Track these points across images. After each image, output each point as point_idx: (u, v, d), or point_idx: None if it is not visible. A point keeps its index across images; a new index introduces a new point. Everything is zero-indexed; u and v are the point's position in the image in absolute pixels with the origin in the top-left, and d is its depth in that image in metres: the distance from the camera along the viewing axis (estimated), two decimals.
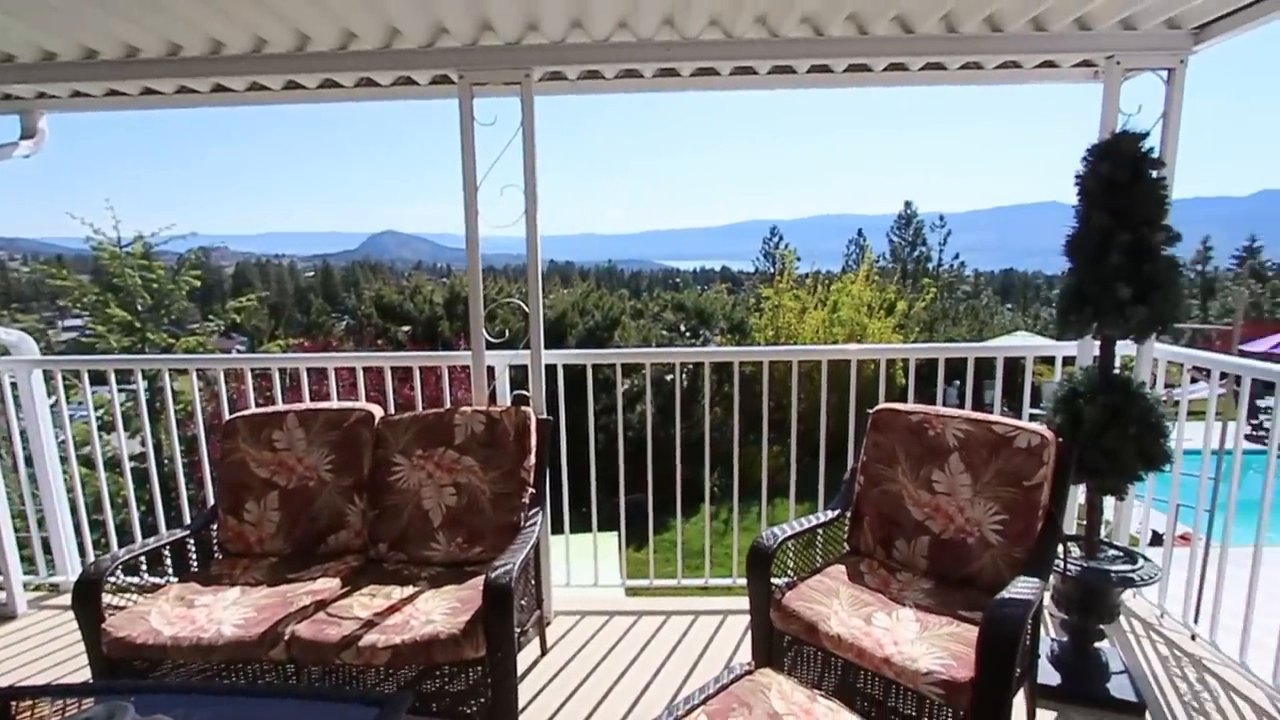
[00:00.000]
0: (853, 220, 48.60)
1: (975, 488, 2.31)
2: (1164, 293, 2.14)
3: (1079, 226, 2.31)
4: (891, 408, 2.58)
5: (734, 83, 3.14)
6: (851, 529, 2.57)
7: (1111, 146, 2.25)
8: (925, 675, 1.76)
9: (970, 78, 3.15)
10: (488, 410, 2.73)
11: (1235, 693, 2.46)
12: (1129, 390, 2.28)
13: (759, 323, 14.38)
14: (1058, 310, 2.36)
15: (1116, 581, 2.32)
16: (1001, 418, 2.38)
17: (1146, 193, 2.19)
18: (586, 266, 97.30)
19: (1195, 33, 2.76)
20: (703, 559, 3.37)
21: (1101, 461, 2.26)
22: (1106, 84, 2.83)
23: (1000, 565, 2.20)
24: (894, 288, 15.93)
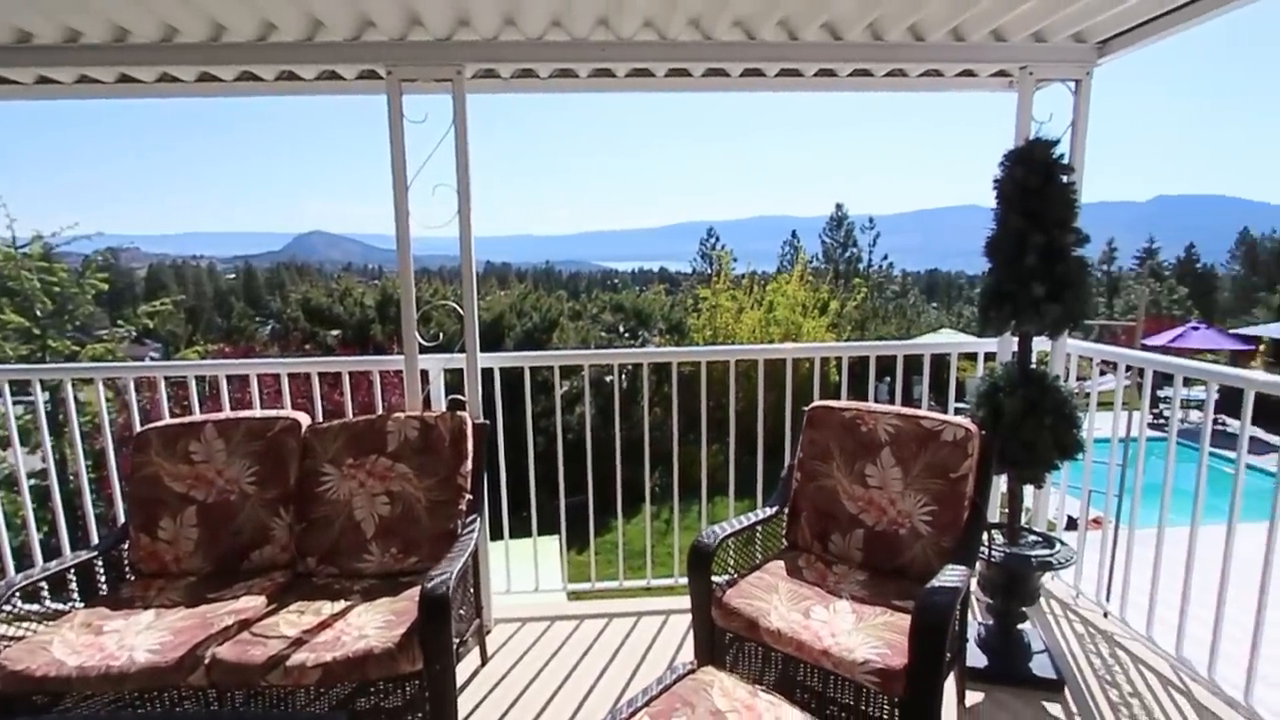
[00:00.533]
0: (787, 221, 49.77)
1: (906, 480, 2.40)
2: (1075, 291, 2.28)
3: (997, 229, 2.42)
4: (825, 405, 2.64)
5: (669, 84, 3.16)
6: (789, 525, 2.62)
7: (1025, 153, 2.38)
8: (862, 665, 1.81)
9: (895, 85, 3.27)
10: (422, 416, 2.65)
11: (1143, 665, 2.63)
12: (1045, 384, 2.41)
13: (697, 323, 14.54)
14: (979, 308, 2.47)
15: (1036, 566, 2.44)
16: (929, 413, 2.48)
17: (1058, 197, 2.32)
18: (524, 268, 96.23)
19: (1099, 47, 2.94)
20: (645, 560, 3.37)
21: (1021, 452, 2.38)
22: (1020, 93, 2.98)
23: (930, 555, 2.28)
24: (827, 288, 16.40)
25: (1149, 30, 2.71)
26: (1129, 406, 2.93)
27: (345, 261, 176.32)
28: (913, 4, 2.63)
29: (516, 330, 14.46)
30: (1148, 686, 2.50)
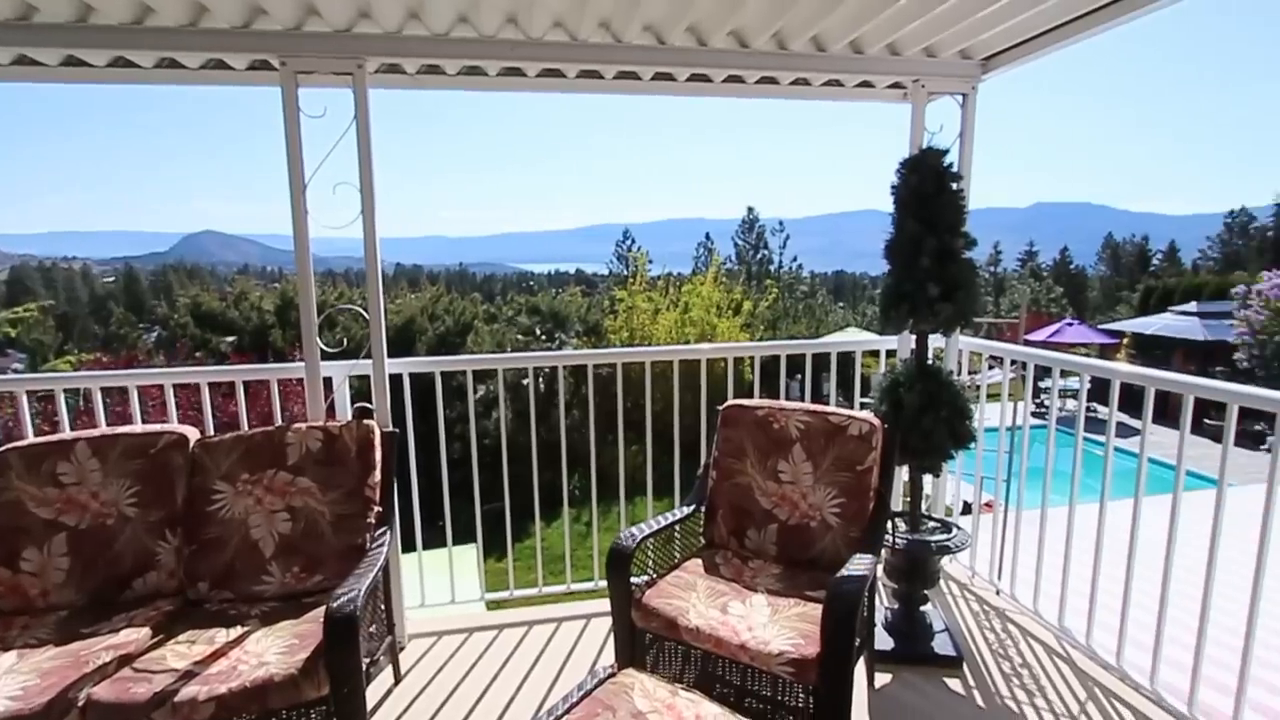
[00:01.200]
0: (701, 224, 50.74)
1: (816, 475, 2.49)
2: (965, 291, 2.43)
3: (895, 233, 2.56)
4: (739, 404, 2.71)
5: (581, 85, 3.14)
6: (707, 522, 2.66)
7: (919, 161, 2.52)
8: (777, 657, 1.86)
9: (799, 93, 3.39)
10: (325, 426, 2.51)
11: (1031, 637, 2.84)
12: (940, 378, 2.56)
13: (614, 324, 14.56)
14: (880, 308, 2.60)
15: (936, 550, 2.60)
16: (836, 408, 2.58)
17: (949, 203, 2.48)
18: (436, 269, 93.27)
19: (983, 63, 3.16)
20: (565, 564, 3.34)
21: (920, 442, 2.52)
22: (914, 105, 3.16)
23: (840, 545, 2.38)
24: (740, 288, 16.83)
25: (1027, 49, 2.93)
26: (1014, 397, 3.16)
27: (241, 263, 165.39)
28: (815, 16, 2.74)
29: (429, 334, 14.01)
30: (1035, 657, 2.71)
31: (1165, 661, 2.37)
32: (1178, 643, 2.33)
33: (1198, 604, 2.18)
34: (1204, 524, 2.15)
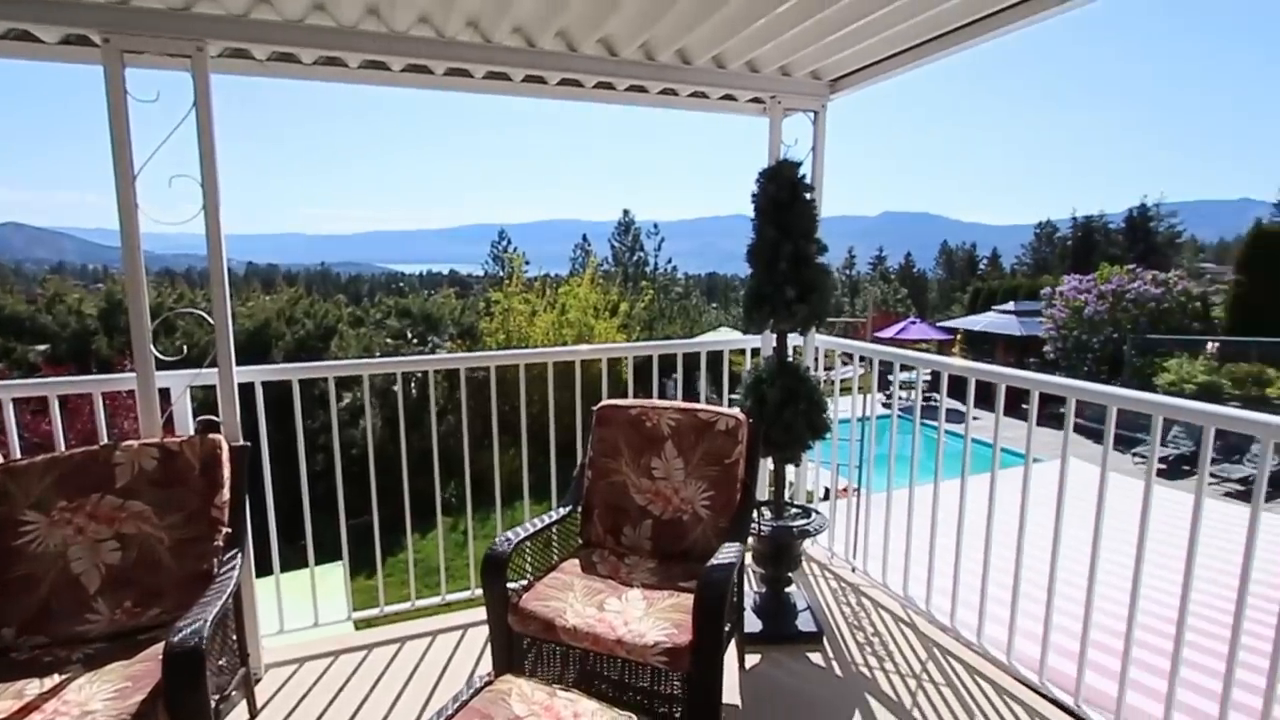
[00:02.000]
0: (578, 225, 50.82)
1: (687, 470, 2.59)
2: (819, 293, 2.63)
3: (756, 238, 2.72)
4: (612, 404, 2.76)
5: (449, 83, 3.07)
6: (584, 522, 2.69)
7: (776, 171, 2.70)
8: (653, 648, 1.92)
9: (667, 102, 3.50)
10: (162, 442, 2.28)
11: (881, 608, 3.12)
12: (799, 374, 2.75)
13: (489, 326, 14.26)
14: (744, 309, 2.75)
15: (797, 535, 2.79)
16: (705, 405, 2.70)
17: (802, 211, 2.67)
18: (295, 270, 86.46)
19: (832, 84, 3.42)
20: (441, 575, 3.24)
21: (781, 435, 2.69)
22: (771, 119, 3.37)
23: (710, 535, 2.49)
24: (617, 290, 17.05)
25: (870, 73, 3.22)
26: (864, 390, 3.45)
27: (55, 260, 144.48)
28: (680, 30, 2.85)
29: (287, 339, 12.98)
30: (884, 624, 2.98)
31: (990, 619, 2.70)
32: (1000, 601, 2.65)
33: (1015, 566, 2.50)
34: (1019, 496, 2.47)
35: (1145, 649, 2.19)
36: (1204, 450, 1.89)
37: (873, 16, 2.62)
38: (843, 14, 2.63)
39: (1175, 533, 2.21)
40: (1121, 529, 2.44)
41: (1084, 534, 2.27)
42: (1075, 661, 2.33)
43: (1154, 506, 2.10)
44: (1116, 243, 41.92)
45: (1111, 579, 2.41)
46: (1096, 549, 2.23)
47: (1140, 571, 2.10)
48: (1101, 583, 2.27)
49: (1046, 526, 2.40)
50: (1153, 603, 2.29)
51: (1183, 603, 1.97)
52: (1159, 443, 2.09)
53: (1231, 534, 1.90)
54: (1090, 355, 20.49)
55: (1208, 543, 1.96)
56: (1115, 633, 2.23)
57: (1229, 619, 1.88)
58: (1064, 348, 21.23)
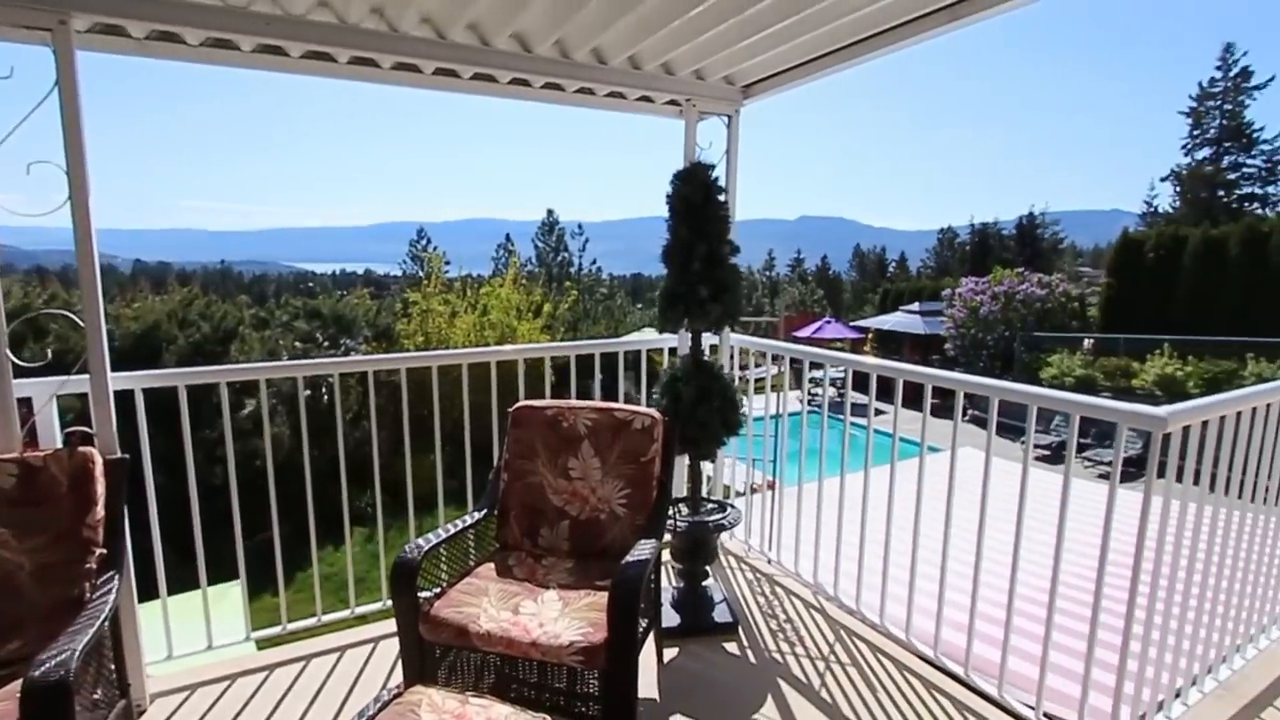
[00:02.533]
0: (500, 225, 49.97)
1: (604, 469, 2.59)
2: (732, 293, 2.69)
3: (670, 239, 2.75)
4: (529, 405, 2.73)
5: (354, 72, 2.94)
6: (500, 525, 2.64)
7: (690, 173, 2.74)
8: (568, 647, 1.90)
9: (583, 101, 3.49)
10: (23, 457, 2.06)
11: (794, 595, 3.23)
12: (713, 372, 2.81)
13: (407, 328, 13.78)
14: (659, 309, 2.78)
15: (713, 529, 2.84)
16: (622, 404, 2.71)
17: (715, 213, 2.72)
18: (191, 268, 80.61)
19: (746, 89, 3.51)
20: (350, 587, 3.09)
21: (697, 432, 2.74)
22: (686, 121, 3.42)
23: (627, 533, 2.50)
24: (541, 291, 16.87)
25: (783, 79, 3.32)
26: (778, 388, 3.56)
27: None
28: (594, 29, 2.84)
29: (180, 343, 12.08)
30: (796, 611, 3.08)
31: (891, 599, 2.84)
32: (900, 582, 2.79)
33: (912, 549, 2.64)
34: (931, 483, 2.61)
35: (1024, 618, 2.36)
36: (1071, 435, 2.07)
37: (784, 24, 2.70)
38: (755, 20, 2.70)
39: (1055, 512, 2.39)
40: (1010, 511, 2.62)
41: (976, 517, 2.43)
42: (965, 634, 2.49)
43: (1036, 488, 2.27)
44: (1009, 247, 45.04)
45: (998, 556, 2.58)
46: (982, 530, 2.39)
47: (1019, 548, 2.26)
48: (988, 559, 2.43)
49: (944, 512, 2.55)
50: (1033, 576, 2.47)
51: (1054, 574, 2.14)
52: (1033, 429, 2.26)
53: (1101, 510, 2.08)
54: (985, 352, 21.96)
55: (1081, 519, 2.13)
56: (1000, 604, 2.39)
57: (1094, 586, 2.05)
58: (962, 345, 22.67)
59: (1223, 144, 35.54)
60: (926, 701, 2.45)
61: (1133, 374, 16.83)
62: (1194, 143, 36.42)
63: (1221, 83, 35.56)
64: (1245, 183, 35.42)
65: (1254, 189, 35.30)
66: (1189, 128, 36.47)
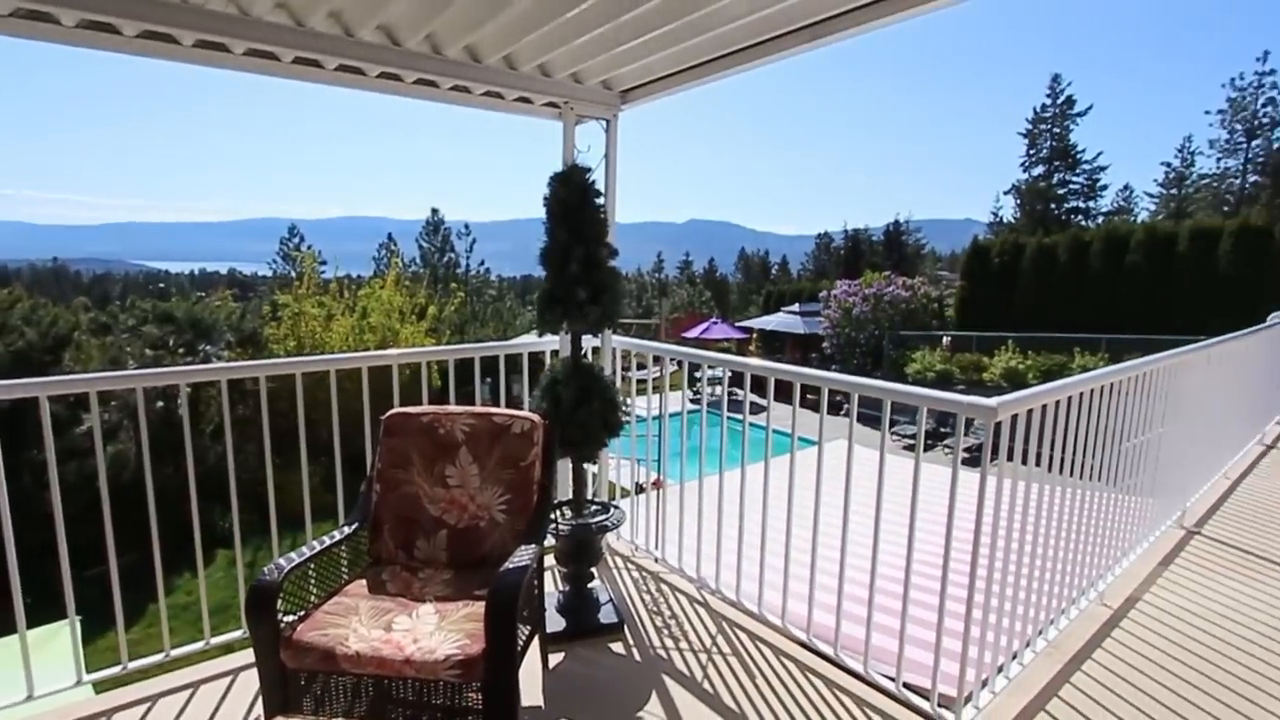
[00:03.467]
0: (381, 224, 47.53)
1: (483, 475, 2.54)
2: (611, 295, 2.72)
3: (548, 241, 2.74)
4: (402, 412, 2.62)
5: (200, 56, 2.72)
6: (373, 539, 2.52)
7: (567, 176, 2.74)
8: (444, 662, 1.85)
9: (459, 99, 3.41)
10: None
11: (679, 591, 3.31)
12: (593, 374, 2.82)
13: (276, 333, 12.82)
14: (537, 311, 2.76)
15: (597, 530, 2.86)
16: (501, 409, 2.67)
17: (593, 215, 2.74)
18: (14, 266, 70.83)
19: (623, 95, 3.56)
20: (224, 616, 2.83)
21: (577, 434, 2.74)
22: (565, 124, 3.42)
23: (508, 540, 2.46)
24: (425, 292, 16.26)
25: (660, 86, 3.39)
26: (659, 389, 3.63)
27: None
28: (467, 26, 2.79)
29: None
30: (680, 606, 3.16)
31: (769, 588, 2.98)
32: (776, 570, 2.94)
33: (787, 540, 2.78)
34: (807, 476, 2.75)
35: (887, 595, 2.55)
36: (920, 426, 2.26)
37: (659, 32, 2.77)
38: (631, 26, 2.75)
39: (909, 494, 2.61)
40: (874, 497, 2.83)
41: (858, 506, 2.59)
42: (835, 616, 2.65)
43: (897, 475, 2.46)
44: (878, 252, 48.46)
45: (865, 540, 2.76)
46: (847, 517, 2.56)
47: (879, 532, 2.44)
48: (855, 543, 2.60)
49: (829, 504, 2.70)
50: (897, 557, 2.67)
51: (909, 554, 2.34)
52: (887, 421, 2.45)
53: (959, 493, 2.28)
54: (858, 349, 23.53)
55: (936, 502, 2.33)
56: (865, 584, 2.57)
57: (950, 560, 2.26)
58: (838, 343, 24.17)
59: (1053, 163, 40.20)
60: (800, 683, 2.59)
61: (984, 368, 18.65)
62: (1030, 160, 40.95)
63: (1051, 109, 40.21)
64: (1072, 197, 40.27)
65: (1078, 203, 40.21)
66: (1026, 147, 40.99)
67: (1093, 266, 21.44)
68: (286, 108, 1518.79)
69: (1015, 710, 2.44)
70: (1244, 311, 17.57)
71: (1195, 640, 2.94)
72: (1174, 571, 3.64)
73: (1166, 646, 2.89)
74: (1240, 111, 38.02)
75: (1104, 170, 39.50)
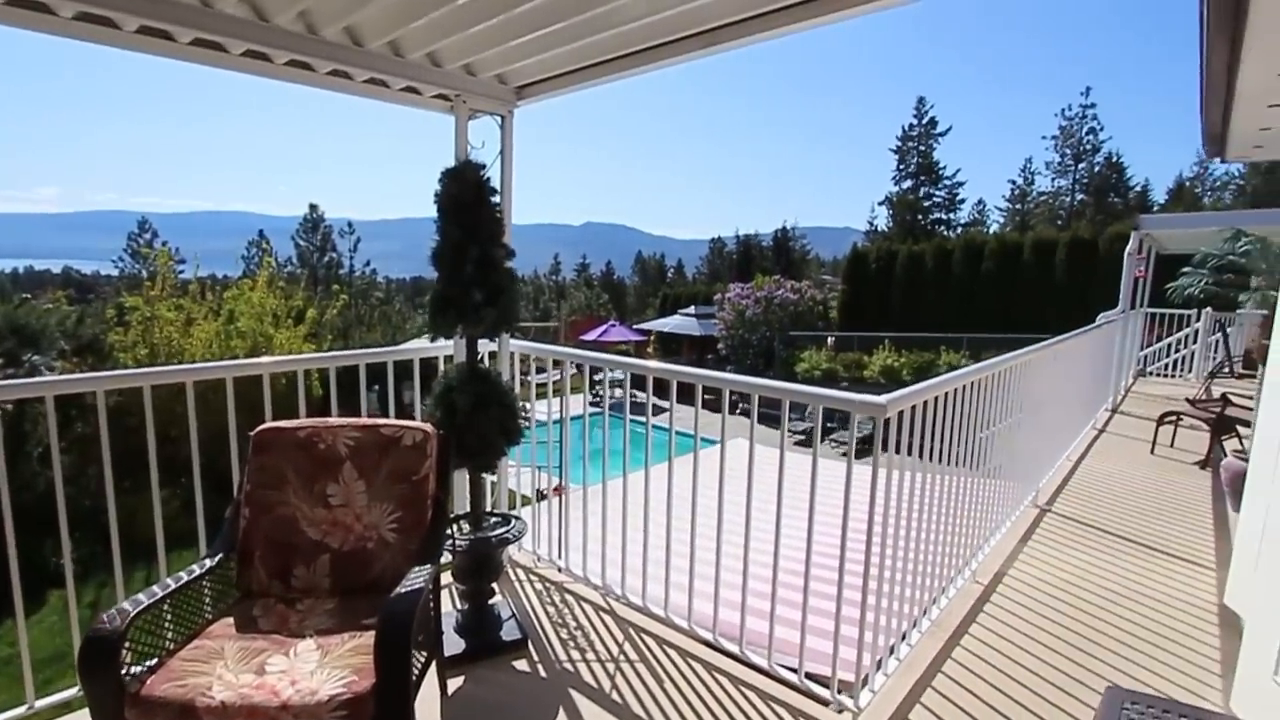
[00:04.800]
0: (251, 219, 43.73)
1: (370, 492, 2.34)
2: (508, 296, 2.59)
3: (441, 240, 2.58)
4: (275, 426, 2.37)
5: (23, 19, 2.33)
6: (241, 570, 2.25)
7: (459, 172, 2.59)
8: (327, 703, 1.66)
9: (339, 85, 3.16)
10: None
11: (584, 600, 3.22)
12: (490, 379, 2.68)
13: (124, 339, 11.41)
14: (430, 314, 2.59)
15: (497, 543, 2.72)
16: (390, 419, 2.47)
17: (488, 214, 2.60)
18: None
19: (518, 90, 3.43)
20: (60, 667, 2.42)
21: (475, 442, 2.59)
22: (457, 118, 3.25)
23: (400, 561, 2.28)
24: (304, 294, 15.14)
25: (557, 83, 3.29)
26: (559, 392, 3.53)
27: None
28: (345, 5, 2.57)
29: None
30: (586, 616, 3.08)
31: (675, 589, 2.96)
32: (681, 571, 2.92)
33: (691, 539, 2.77)
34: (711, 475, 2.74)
35: (788, 588, 2.59)
36: (816, 423, 2.31)
37: (554, 28, 2.68)
38: (525, 20, 2.64)
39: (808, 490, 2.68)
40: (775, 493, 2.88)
41: (760, 504, 2.61)
42: (739, 613, 2.67)
43: (796, 470, 2.50)
44: (768, 257, 50.50)
45: (766, 534, 2.80)
46: (749, 513, 2.58)
47: (780, 526, 2.48)
48: (756, 539, 2.63)
49: (733, 502, 2.71)
50: (797, 550, 2.72)
51: (808, 546, 2.39)
52: (786, 418, 2.50)
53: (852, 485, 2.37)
54: (751, 350, 24.38)
55: (832, 495, 2.40)
56: (768, 580, 2.60)
57: (846, 550, 2.32)
58: (732, 344, 24.92)
59: (919, 178, 43.63)
60: (708, 683, 2.58)
61: (864, 366, 19.87)
62: (900, 175, 44.22)
63: (917, 128, 43.62)
64: (935, 209, 43.87)
65: (941, 215, 43.87)
66: (896, 162, 44.23)
67: (954, 272, 23.44)
68: (134, 85, 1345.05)
69: (906, 688, 2.56)
70: (1077, 312, 19.96)
71: (1050, 607, 3.27)
72: (1032, 546, 3.99)
73: (1028, 615, 3.17)
74: (1069, 138, 43.02)
75: (962, 185, 43.36)
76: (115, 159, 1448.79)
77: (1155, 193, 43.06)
